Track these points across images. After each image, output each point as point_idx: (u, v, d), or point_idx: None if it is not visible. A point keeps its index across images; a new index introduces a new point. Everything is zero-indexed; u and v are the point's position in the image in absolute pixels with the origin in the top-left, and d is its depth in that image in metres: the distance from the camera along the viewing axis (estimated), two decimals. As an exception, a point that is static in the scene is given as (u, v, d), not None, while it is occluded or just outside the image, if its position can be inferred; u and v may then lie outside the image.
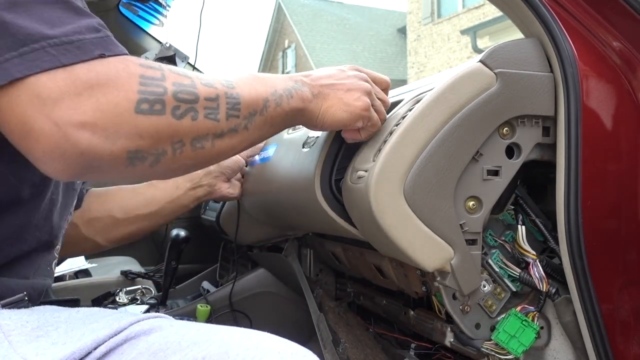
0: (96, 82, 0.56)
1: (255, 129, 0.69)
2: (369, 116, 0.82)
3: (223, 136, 0.65)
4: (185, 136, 0.61)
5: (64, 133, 0.54)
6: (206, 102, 0.63)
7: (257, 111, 0.69)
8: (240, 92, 0.67)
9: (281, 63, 22.49)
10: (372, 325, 1.28)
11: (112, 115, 0.56)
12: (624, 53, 0.84)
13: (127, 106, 0.57)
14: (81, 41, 0.57)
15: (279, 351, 0.61)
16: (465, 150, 0.78)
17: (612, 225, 0.82)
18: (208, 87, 0.64)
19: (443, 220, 0.77)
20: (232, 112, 0.65)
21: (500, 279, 0.85)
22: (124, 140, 0.57)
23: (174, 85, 0.60)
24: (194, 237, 1.63)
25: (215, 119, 0.64)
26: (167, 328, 0.66)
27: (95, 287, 1.64)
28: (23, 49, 0.54)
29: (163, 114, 0.59)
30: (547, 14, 0.83)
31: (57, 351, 0.61)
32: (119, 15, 1.93)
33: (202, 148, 0.64)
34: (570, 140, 0.79)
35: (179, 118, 0.60)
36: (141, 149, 0.58)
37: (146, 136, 0.58)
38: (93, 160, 0.56)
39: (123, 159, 0.58)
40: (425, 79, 0.99)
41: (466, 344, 0.84)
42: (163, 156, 0.61)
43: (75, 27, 0.57)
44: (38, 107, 0.54)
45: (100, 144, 0.55)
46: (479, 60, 0.81)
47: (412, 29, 16.47)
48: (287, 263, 1.35)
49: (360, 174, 0.80)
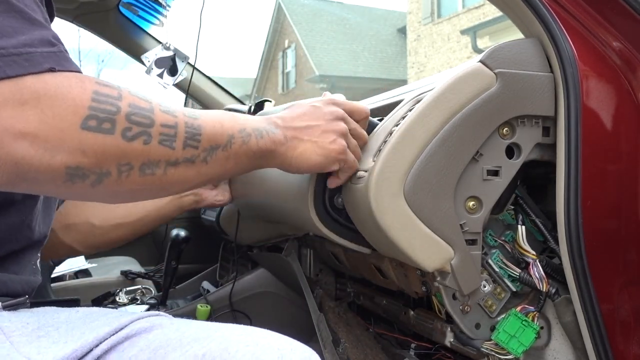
0: (44, 93, 0.53)
1: (216, 164, 0.66)
2: (345, 159, 0.79)
3: (177, 165, 0.62)
4: (135, 159, 0.58)
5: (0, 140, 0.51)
6: (162, 129, 0.60)
7: (220, 145, 0.66)
8: (202, 124, 0.64)
9: (281, 63, 22.48)
10: (372, 325, 1.28)
11: (55, 128, 0.53)
12: (624, 53, 0.84)
13: (73, 120, 0.54)
14: (30, 54, 0.54)
15: (279, 348, 0.61)
16: (465, 150, 0.78)
17: (612, 225, 0.82)
18: (167, 114, 0.61)
19: (443, 221, 0.77)
20: (190, 142, 0.62)
21: (500, 279, 0.85)
22: (64, 154, 0.54)
23: (129, 107, 0.58)
24: (194, 237, 1.63)
25: (170, 147, 0.61)
26: (167, 325, 0.66)
27: (95, 287, 1.65)
28: None
29: (112, 134, 0.56)
30: (547, 14, 0.83)
31: (58, 349, 0.62)
32: (119, 15, 1.94)
33: (152, 174, 0.61)
34: (570, 140, 0.79)
35: (130, 140, 0.57)
36: (82, 166, 0.55)
37: (90, 154, 0.55)
38: (27, 172, 0.53)
39: (61, 174, 0.55)
40: (425, 79, 0.99)
41: (466, 344, 0.84)
42: (107, 177, 0.58)
43: (27, 39, 0.55)
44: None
45: (37, 156, 0.53)
46: (479, 60, 0.81)
47: (412, 29, 16.47)
48: (287, 263, 1.36)
49: (360, 174, 0.80)
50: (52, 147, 0.53)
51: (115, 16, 1.93)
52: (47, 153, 0.53)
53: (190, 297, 1.71)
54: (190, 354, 0.60)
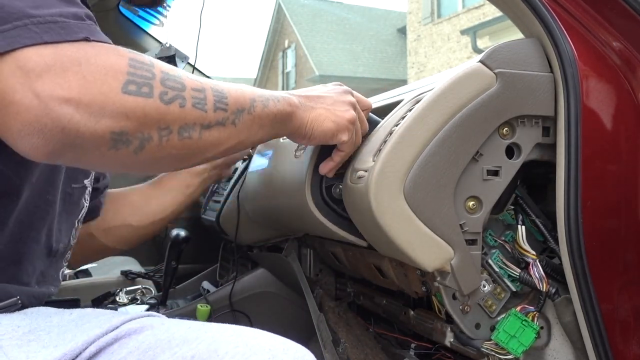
0: (85, 59, 0.54)
1: (244, 127, 0.68)
2: (355, 130, 0.82)
3: (210, 128, 0.64)
4: (173, 123, 0.60)
5: (45, 106, 0.52)
6: (193, 92, 0.62)
7: (245, 108, 0.68)
8: (226, 89, 0.67)
9: (281, 63, 22.48)
10: (372, 325, 1.28)
11: (98, 92, 0.54)
12: (624, 53, 0.84)
13: (115, 85, 0.55)
14: (66, 23, 0.56)
15: (270, 348, 0.60)
16: (465, 150, 0.78)
17: (612, 225, 0.82)
18: (195, 80, 0.64)
19: (443, 220, 0.77)
20: (219, 105, 0.65)
21: (500, 279, 0.85)
22: (108, 119, 0.55)
23: (162, 73, 0.60)
24: (194, 237, 1.63)
25: (203, 109, 0.63)
26: (158, 326, 0.66)
27: (96, 287, 1.64)
28: (4, 26, 0.53)
29: (151, 97, 0.58)
30: (547, 14, 0.83)
31: (48, 353, 0.62)
32: (119, 15, 1.94)
33: (190, 138, 0.62)
34: (570, 140, 0.79)
35: (167, 103, 0.59)
36: (126, 130, 0.56)
37: (132, 117, 0.56)
38: (75, 137, 0.54)
39: (106, 140, 0.56)
40: (425, 79, 0.99)
41: (466, 344, 0.84)
42: (148, 142, 0.59)
43: (61, 11, 0.57)
44: (20, 79, 0.52)
45: (83, 120, 0.54)
46: (478, 60, 0.81)
47: (412, 29, 16.47)
48: (287, 263, 1.35)
49: (360, 174, 0.80)
50: (96, 111, 0.54)
51: (115, 16, 1.93)
52: (92, 118, 0.54)
53: (190, 297, 1.71)
54: (179, 356, 0.60)
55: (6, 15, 0.54)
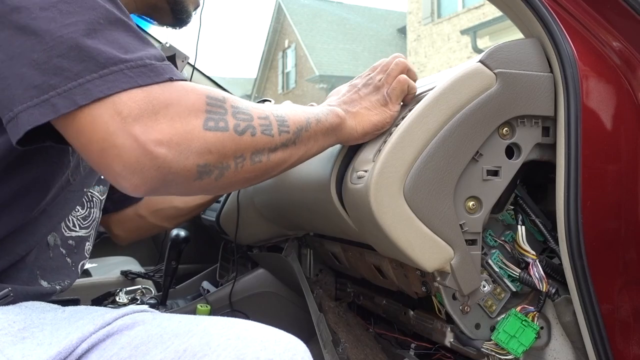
0: (170, 102, 0.60)
1: (302, 144, 0.74)
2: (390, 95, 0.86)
3: (276, 150, 0.69)
4: (246, 151, 0.65)
5: (143, 149, 0.57)
6: (260, 120, 0.67)
7: (303, 127, 0.73)
8: (284, 113, 0.72)
9: (281, 63, 22.48)
10: (372, 325, 1.28)
11: (184, 132, 0.60)
12: (624, 53, 0.84)
13: (197, 124, 0.61)
14: (153, 65, 0.61)
15: (262, 339, 0.61)
16: (465, 150, 0.78)
17: (612, 225, 0.82)
18: (258, 108, 0.69)
19: (443, 221, 0.77)
20: (282, 128, 0.70)
21: (500, 279, 0.85)
22: (195, 155, 0.60)
23: (232, 107, 0.65)
24: (194, 237, 1.63)
25: (270, 134, 0.68)
26: (149, 321, 0.67)
27: (96, 287, 1.64)
28: (103, 71, 0.58)
29: (227, 130, 0.63)
30: (547, 14, 0.83)
31: (42, 352, 0.63)
32: (119, 15, 1.93)
33: (260, 162, 0.68)
34: (570, 140, 0.79)
35: (241, 134, 0.64)
36: (209, 163, 0.62)
37: (214, 151, 0.62)
38: (168, 174, 0.59)
39: (193, 173, 0.61)
40: (425, 79, 0.99)
41: (466, 344, 0.84)
42: (227, 170, 0.64)
43: (146, 54, 0.62)
44: (119, 124, 0.57)
45: (174, 159, 0.59)
46: (478, 60, 0.81)
47: (412, 29, 16.47)
48: (287, 263, 1.35)
49: (360, 174, 0.80)
50: (184, 149, 0.60)
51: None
52: (182, 155, 0.59)
53: (190, 297, 1.71)
54: (171, 350, 0.60)
55: (104, 60, 0.59)
